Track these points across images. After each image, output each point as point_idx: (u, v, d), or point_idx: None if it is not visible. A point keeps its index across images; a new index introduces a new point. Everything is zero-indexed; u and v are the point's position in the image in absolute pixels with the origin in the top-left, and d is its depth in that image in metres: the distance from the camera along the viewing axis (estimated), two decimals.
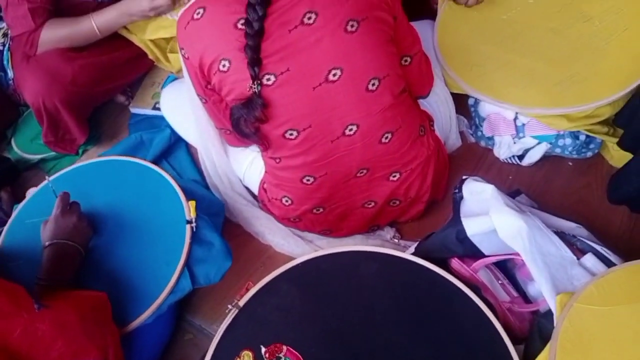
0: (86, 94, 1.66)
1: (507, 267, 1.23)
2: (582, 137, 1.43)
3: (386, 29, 1.15)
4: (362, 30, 1.09)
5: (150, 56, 1.76)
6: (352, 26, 1.09)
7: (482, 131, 1.53)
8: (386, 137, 1.21)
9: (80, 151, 1.78)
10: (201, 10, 1.10)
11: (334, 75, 1.11)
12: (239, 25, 1.07)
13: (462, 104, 1.57)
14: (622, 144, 1.34)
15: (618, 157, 1.42)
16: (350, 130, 1.17)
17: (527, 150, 1.47)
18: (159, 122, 1.72)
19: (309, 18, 1.07)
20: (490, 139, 1.52)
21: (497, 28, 1.51)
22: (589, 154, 1.47)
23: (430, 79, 1.38)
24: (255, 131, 1.17)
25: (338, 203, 1.31)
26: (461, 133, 1.59)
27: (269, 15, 1.06)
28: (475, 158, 1.57)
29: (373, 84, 1.14)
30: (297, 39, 1.08)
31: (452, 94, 1.50)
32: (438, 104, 1.46)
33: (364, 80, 1.13)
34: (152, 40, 1.71)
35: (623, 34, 1.41)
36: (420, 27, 1.60)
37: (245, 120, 1.14)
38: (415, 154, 1.27)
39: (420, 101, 1.41)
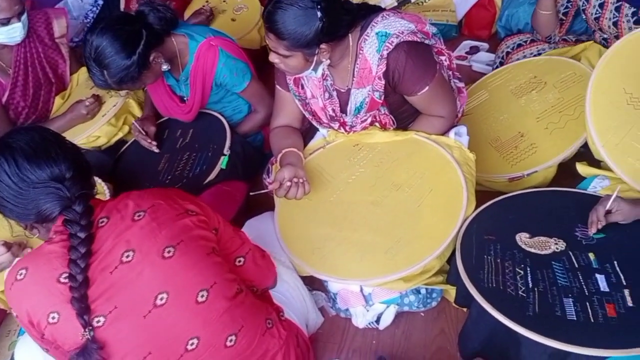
0: None
1: None
2: (423, 291, 1.58)
3: (206, 242, 1.25)
4: (179, 253, 1.19)
5: (1, 305, 1.71)
6: (168, 252, 1.18)
7: (338, 304, 1.64)
8: (230, 340, 1.25)
9: None
10: (23, 271, 1.14)
11: (161, 299, 1.17)
12: (62, 280, 1.12)
13: (318, 280, 1.68)
14: (457, 302, 1.49)
15: None
16: (192, 344, 1.20)
17: (380, 315, 1.58)
18: None
19: (127, 256, 1.15)
20: (347, 310, 1.63)
21: (328, 210, 1.68)
22: (434, 303, 1.62)
23: (272, 271, 1.48)
24: None
25: None
26: (322, 309, 1.68)
27: (89, 265, 1.13)
28: (340, 330, 1.65)
29: (202, 296, 1.21)
30: (119, 277, 1.14)
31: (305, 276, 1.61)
32: (290, 291, 1.55)
33: (191, 295, 1.19)
34: None
35: (430, 195, 1.62)
36: (263, 220, 1.76)
37: None
38: (266, 347, 1.31)
39: (272, 291, 1.49)
